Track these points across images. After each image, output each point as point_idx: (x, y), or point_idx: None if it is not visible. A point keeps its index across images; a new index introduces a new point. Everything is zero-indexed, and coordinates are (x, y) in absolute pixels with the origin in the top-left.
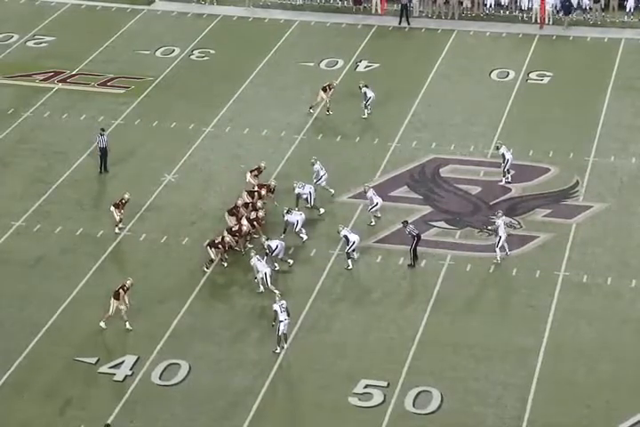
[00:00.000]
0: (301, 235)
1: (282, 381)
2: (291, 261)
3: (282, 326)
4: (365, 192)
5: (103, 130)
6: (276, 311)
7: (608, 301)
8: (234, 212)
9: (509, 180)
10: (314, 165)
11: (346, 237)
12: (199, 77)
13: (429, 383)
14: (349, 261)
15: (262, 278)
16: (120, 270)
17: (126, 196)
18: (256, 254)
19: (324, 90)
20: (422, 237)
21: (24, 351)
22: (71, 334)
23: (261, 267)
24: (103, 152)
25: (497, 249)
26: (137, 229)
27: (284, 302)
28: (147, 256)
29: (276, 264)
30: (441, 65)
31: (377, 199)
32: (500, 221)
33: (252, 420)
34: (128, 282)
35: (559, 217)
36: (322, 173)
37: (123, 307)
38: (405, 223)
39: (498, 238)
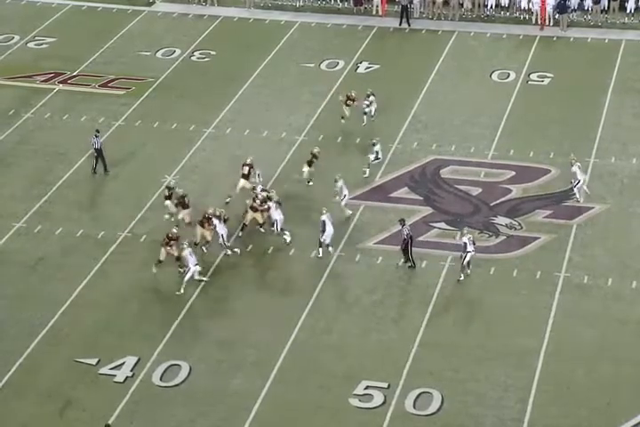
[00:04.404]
0: (284, 236)
1: (282, 382)
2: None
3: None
4: (336, 181)
5: (98, 131)
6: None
7: (608, 302)
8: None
9: (578, 198)
10: (337, 182)
11: (324, 222)
12: (200, 79)
13: (430, 385)
14: (320, 249)
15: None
16: (120, 272)
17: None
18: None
19: (347, 104)
20: (423, 238)
21: (24, 352)
22: (72, 336)
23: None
24: (98, 153)
25: (463, 265)
26: (137, 230)
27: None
28: (147, 257)
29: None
30: (441, 66)
31: (346, 191)
32: (466, 238)
33: (252, 421)
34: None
35: (560, 218)
36: (345, 191)
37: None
38: (402, 222)
39: (465, 254)
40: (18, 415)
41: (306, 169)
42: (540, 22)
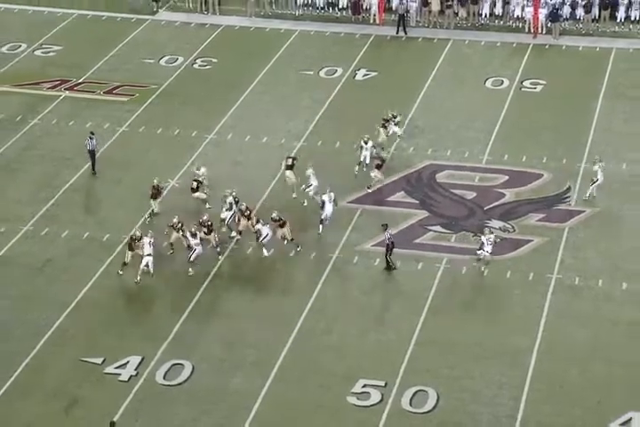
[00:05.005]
0: (264, 249)
1: (282, 381)
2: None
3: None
4: (306, 169)
5: (92, 133)
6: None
7: (599, 303)
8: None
9: (586, 197)
10: (307, 170)
11: (323, 203)
12: (202, 85)
13: (426, 383)
14: (320, 226)
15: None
16: (125, 273)
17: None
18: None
19: (384, 126)
20: (419, 240)
21: (31, 352)
22: (77, 336)
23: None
24: (92, 154)
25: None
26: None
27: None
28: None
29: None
30: (437, 73)
31: (314, 182)
32: (484, 238)
33: (252, 419)
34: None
35: (552, 221)
36: (313, 181)
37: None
38: (385, 226)
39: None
40: (24, 414)
41: (289, 174)
42: (532, 31)
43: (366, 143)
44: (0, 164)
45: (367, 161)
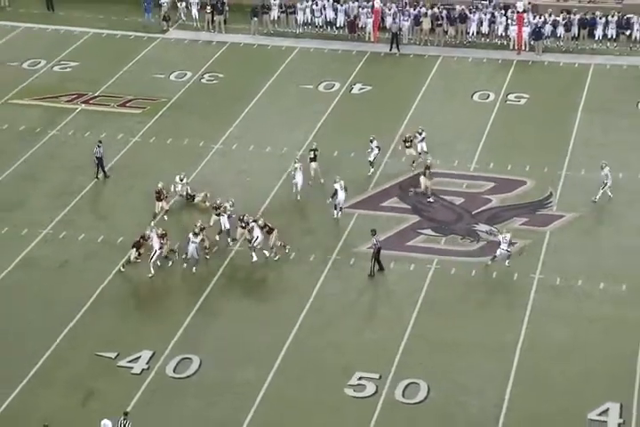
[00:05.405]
0: (252, 254)
1: (284, 374)
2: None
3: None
4: (295, 162)
5: (100, 142)
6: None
7: (579, 301)
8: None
9: (595, 199)
10: (295, 163)
11: (336, 191)
12: (209, 99)
13: (417, 376)
14: (335, 211)
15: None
16: (137, 273)
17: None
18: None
19: (407, 146)
20: (411, 243)
21: (51, 347)
22: (93, 332)
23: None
24: (99, 160)
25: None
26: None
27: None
28: (161, 261)
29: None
30: (428, 87)
31: (299, 177)
32: (501, 237)
33: (256, 410)
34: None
35: (535, 225)
36: (299, 177)
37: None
38: (374, 232)
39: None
40: (45, 405)
41: (315, 166)
42: (516, 48)
43: (372, 142)
44: (22, 172)
45: (373, 160)
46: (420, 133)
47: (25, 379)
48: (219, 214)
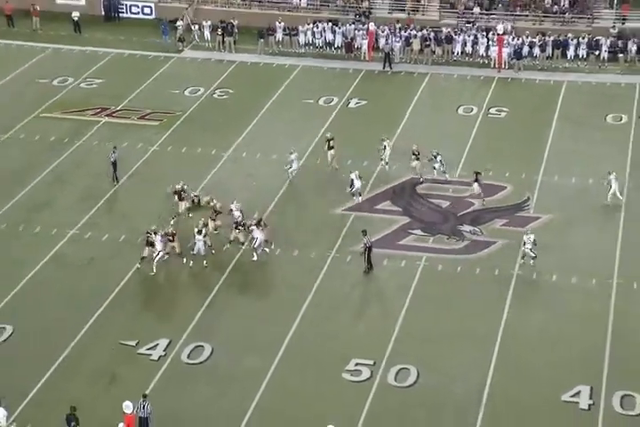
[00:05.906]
0: (254, 253)
1: (288, 361)
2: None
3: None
4: (291, 153)
5: (115, 148)
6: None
7: (553, 295)
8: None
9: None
10: (291, 154)
11: (352, 180)
12: (220, 112)
13: (408, 362)
14: (354, 198)
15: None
16: (155, 269)
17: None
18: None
19: (416, 159)
20: (402, 242)
21: (77, 336)
22: (116, 322)
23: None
24: (114, 165)
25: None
26: None
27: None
28: (175, 259)
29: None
30: (417, 102)
31: (295, 165)
32: (525, 238)
33: (262, 393)
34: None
35: (514, 226)
36: (294, 165)
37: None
38: (364, 232)
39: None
40: (71, 391)
41: (331, 152)
42: (497, 66)
43: (383, 141)
44: (52, 177)
45: (387, 159)
46: (436, 156)
47: (54, 365)
48: (214, 219)
